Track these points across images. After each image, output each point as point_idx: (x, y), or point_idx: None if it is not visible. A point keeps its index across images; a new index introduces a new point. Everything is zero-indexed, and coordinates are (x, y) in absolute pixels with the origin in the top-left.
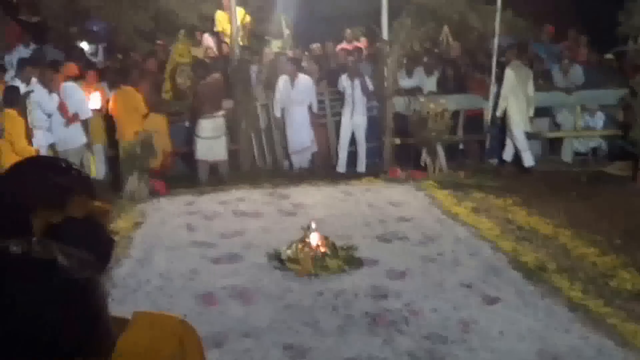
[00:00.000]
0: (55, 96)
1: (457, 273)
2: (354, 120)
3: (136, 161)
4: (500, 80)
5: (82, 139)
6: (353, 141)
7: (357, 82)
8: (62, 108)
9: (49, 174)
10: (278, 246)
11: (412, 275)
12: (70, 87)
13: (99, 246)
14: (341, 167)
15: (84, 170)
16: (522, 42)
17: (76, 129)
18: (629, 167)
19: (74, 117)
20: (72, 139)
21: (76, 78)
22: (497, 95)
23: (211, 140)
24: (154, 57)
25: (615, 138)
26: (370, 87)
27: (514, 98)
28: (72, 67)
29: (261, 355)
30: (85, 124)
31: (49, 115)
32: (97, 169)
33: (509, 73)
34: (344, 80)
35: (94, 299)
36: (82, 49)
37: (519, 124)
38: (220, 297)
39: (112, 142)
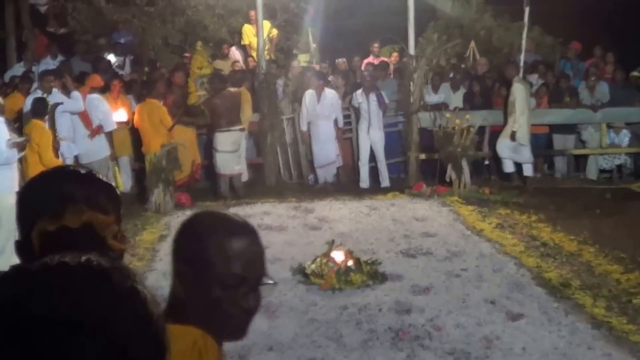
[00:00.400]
0: (77, 101)
1: (481, 289)
2: (371, 135)
3: (162, 173)
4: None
5: (106, 151)
6: (372, 156)
7: (372, 96)
8: (85, 120)
9: (55, 182)
10: (302, 260)
11: (436, 290)
12: (95, 99)
13: None
14: (364, 182)
15: (106, 180)
16: (546, 60)
17: (100, 141)
18: None
19: (98, 129)
20: (96, 151)
21: (102, 90)
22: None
23: (230, 155)
24: (181, 70)
25: None
26: (386, 100)
27: (527, 112)
28: (96, 79)
29: None
30: (109, 136)
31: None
32: (122, 181)
33: (519, 88)
34: (359, 96)
35: None
36: (108, 61)
37: (527, 137)
38: None
39: (138, 154)
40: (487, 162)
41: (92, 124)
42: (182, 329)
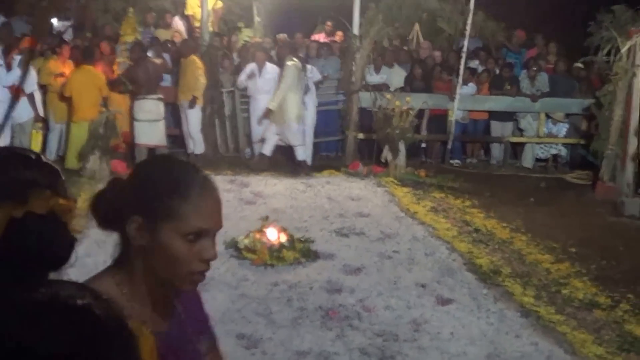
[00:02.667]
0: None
1: (412, 272)
2: (305, 111)
3: (99, 140)
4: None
5: (29, 114)
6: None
7: (307, 72)
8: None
9: (16, 167)
10: (236, 234)
11: (367, 271)
12: (16, 61)
13: (59, 244)
14: (300, 156)
15: (53, 165)
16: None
17: (23, 103)
18: (588, 176)
19: (18, 91)
20: (20, 113)
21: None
22: None
23: (148, 124)
24: (108, 38)
25: (577, 147)
26: (318, 76)
27: (295, 91)
28: (27, 40)
29: None
30: (31, 97)
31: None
32: (49, 147)
33: (289, 68)
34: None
35: None
36: (51, 24)
37: (296, 118)
38: None
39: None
40: (424, 145)
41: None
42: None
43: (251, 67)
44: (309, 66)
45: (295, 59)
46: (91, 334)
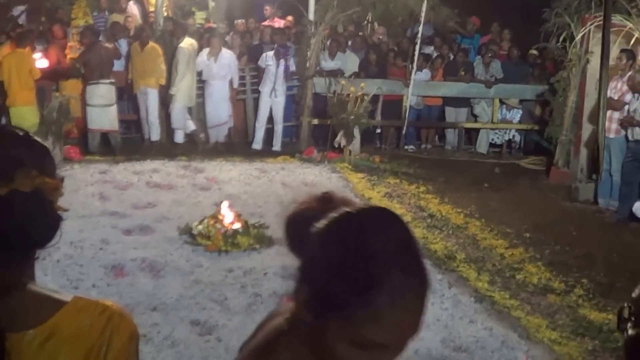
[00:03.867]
0: None
1: None
2: (273, 99)
3: (52, 126)
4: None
5: None
6: (270, 119)
7: (282, 63)
8: None
9: (2, 146)
10: (190, 220)
11: None
12: None
13: (45, 222)
14: (257, 144)
15: (42, 143)
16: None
17: None
18: (542, 162)
19: None
20: None
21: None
22: None
23: (100, 109)
24: (60, 21)
25: (531, 132)
26: (293, 68)
27: (189, 76)
28: None
29: (169, 330)
30: None
31: None
32: None
33: (182, 50)
34: (269, 59)
35: None
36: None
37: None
38: (129, 269)
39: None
40: (378, 131)
41: None
42: (98, 304)
43: (205, 53)
44: (290, 56)
45: (191, 40)
46: None
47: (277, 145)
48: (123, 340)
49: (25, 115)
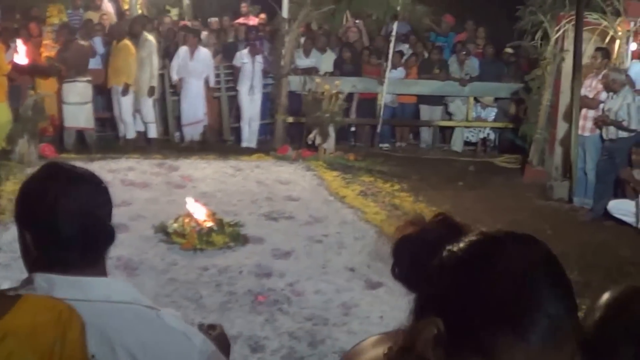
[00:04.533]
0: None
1: (341, 256)
2: (254, 96)
3: (27, 124)
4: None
5: None
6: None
7: (258, 58)
8: None
9: None
10: (165, 218)
11: (296, 255)
12: None
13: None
14: (246, 142)
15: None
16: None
17: None
18: (517, 160)
19: None
20: None
21: None
22: None
23: (76, 107)
24: (35, 19)
25: (505, 131)
26: (267, 62)
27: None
28: None
29: None
30: None
31: None
32: None
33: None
34: (245, 56)
35: None
36: None
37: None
38: None
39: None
40: (353, 129)
41: None
42: (48, 301)
43: (183, 50)
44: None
45: (149, 35)
46: None
47: (252, 142)
48: (76, 334)
49: None
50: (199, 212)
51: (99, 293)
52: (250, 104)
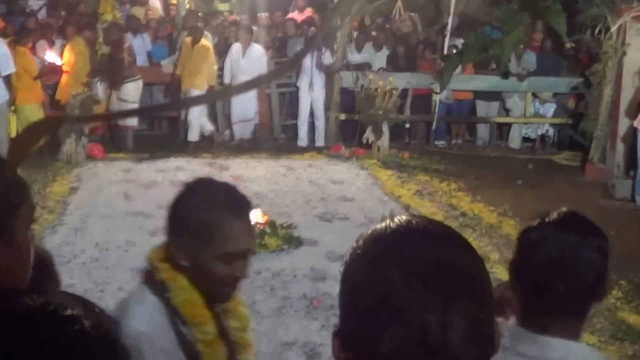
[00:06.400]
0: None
1: None
2: (313, 93)
3: (74, 123)
4: None
5: (5, 95)
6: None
7: (315, 54)
8: None
9: None
10: None
11: None
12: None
13: None
14: (302, 140)
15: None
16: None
17: None
18: (577, 157)
19: None
20: None
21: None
22: None
23: (133, 105)
24: (87, 16)
25: (565, 127)
26: (329, 60)
27: None
28: None
29: None
30: (7, 80)
31: None
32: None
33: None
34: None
35: None
36: (23, 5)
37: None
38: None
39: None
40: (407, 126)
41: None
42: None
43: (236, 48)
44: (324, 48)
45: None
46: (76, 345)
47: (320, 141)
48: None
49: (27, 113)
50: (256, 217)
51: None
52: (313, 101)
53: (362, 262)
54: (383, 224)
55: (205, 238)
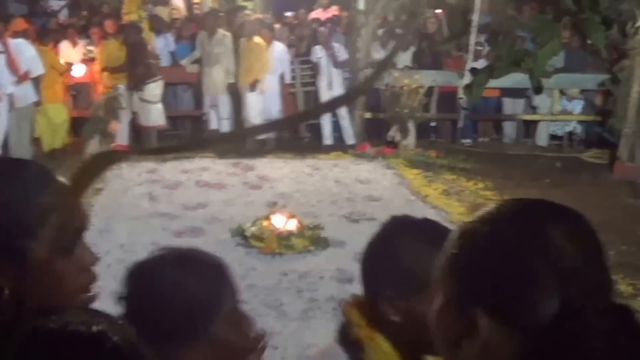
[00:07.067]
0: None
1: None
2: (332, 92)
3: (99, 124)
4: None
5: (33, 97)
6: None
7: (328, 53)
8: (12, 65)
9: None
10: (242, 221)
11: None
12: (20, 44)
13: None
14: (327, 139)
15: None
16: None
17: (27, 86)
18: (605, 155)
19: (26, 75)
20: (23, 96)
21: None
22: None
23: (159, 105)
24: (112, 16)
25: (592, 124)
26: (344, 56)
27: None
28: (19, 23)
29: None
30: (36, 81)
31: None
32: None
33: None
34: (319, 51)
35: None
36: (44, 5)
37: None
38: None
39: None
40: (433, 124)
41: (19, 69)
42: None
43: None
44: (335, 44)
45: (224, 31)
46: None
47: (349, 139)
48: None
49: (53, 112)
50: (279, 219)
51: None
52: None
53: (514, 226)
54: (496, 205)
55: (422, 284)
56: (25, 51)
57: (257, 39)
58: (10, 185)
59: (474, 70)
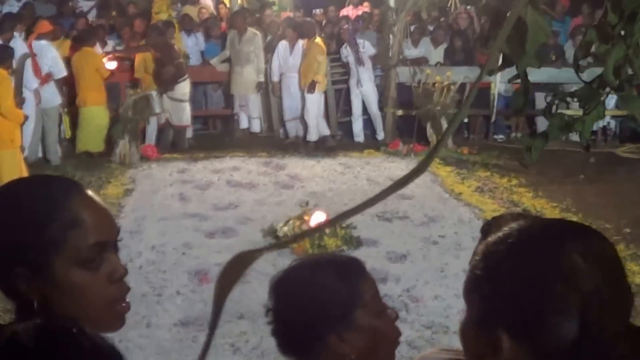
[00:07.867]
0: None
1: (459, 258)
2: (362, 89)
3: (128, 124)
4: None
5: (57, 99)
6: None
7: (354, 50)
8: (34, 67)
9: None
10: (274, 221)
11: (412, 258)
12: (42, 46)
13: None
14: (358, 136)
15: None
16: None
17: (51, 88)
18: (639, 150)
19: (47, 77)
20: (48, 99)
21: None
22: None
23: (179, 104)
24: (141, 16)
25: (627, 119)
26: (371, 52)
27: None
28: (43, 25)
29: (257, 339)
30: (60, 83)
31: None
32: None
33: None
34: (346, 50)
35: None
36: (73, 6)
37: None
38: (214, 274)
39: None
40: (466, 120)
41: (42, 71)
42: None
43: (282, 45)
44: (360, 40)
45: (254, 29)
46: None
47: (380, 135)
48: None
49: (94, 115)
50: (319, 216)
51: None
52: (364, 97)
53: (534, 250)
54: (518, 225)
55: None
56: (48, 53)
57: (318, 40)
58: (37, 202)
59: (532, 135)
